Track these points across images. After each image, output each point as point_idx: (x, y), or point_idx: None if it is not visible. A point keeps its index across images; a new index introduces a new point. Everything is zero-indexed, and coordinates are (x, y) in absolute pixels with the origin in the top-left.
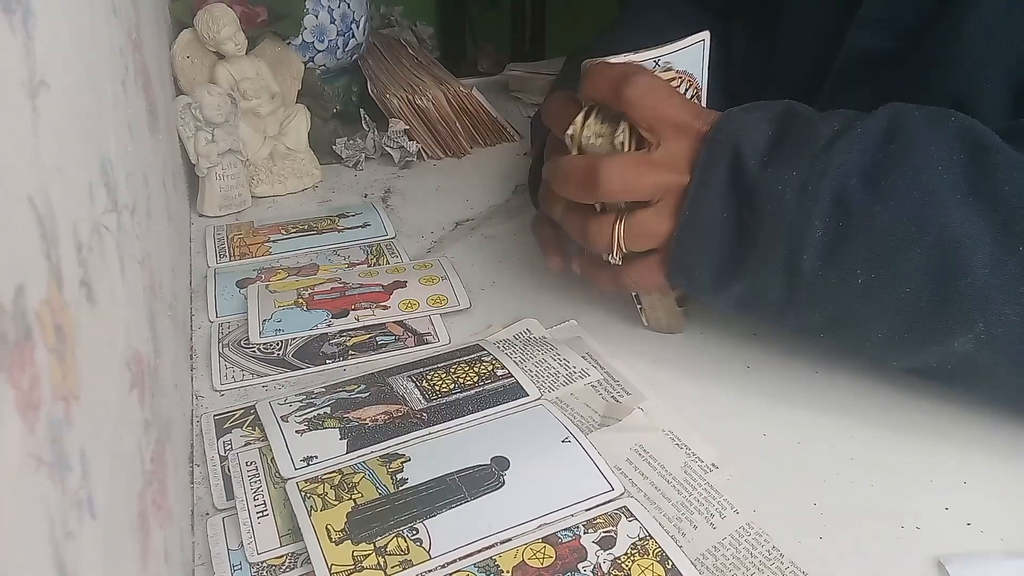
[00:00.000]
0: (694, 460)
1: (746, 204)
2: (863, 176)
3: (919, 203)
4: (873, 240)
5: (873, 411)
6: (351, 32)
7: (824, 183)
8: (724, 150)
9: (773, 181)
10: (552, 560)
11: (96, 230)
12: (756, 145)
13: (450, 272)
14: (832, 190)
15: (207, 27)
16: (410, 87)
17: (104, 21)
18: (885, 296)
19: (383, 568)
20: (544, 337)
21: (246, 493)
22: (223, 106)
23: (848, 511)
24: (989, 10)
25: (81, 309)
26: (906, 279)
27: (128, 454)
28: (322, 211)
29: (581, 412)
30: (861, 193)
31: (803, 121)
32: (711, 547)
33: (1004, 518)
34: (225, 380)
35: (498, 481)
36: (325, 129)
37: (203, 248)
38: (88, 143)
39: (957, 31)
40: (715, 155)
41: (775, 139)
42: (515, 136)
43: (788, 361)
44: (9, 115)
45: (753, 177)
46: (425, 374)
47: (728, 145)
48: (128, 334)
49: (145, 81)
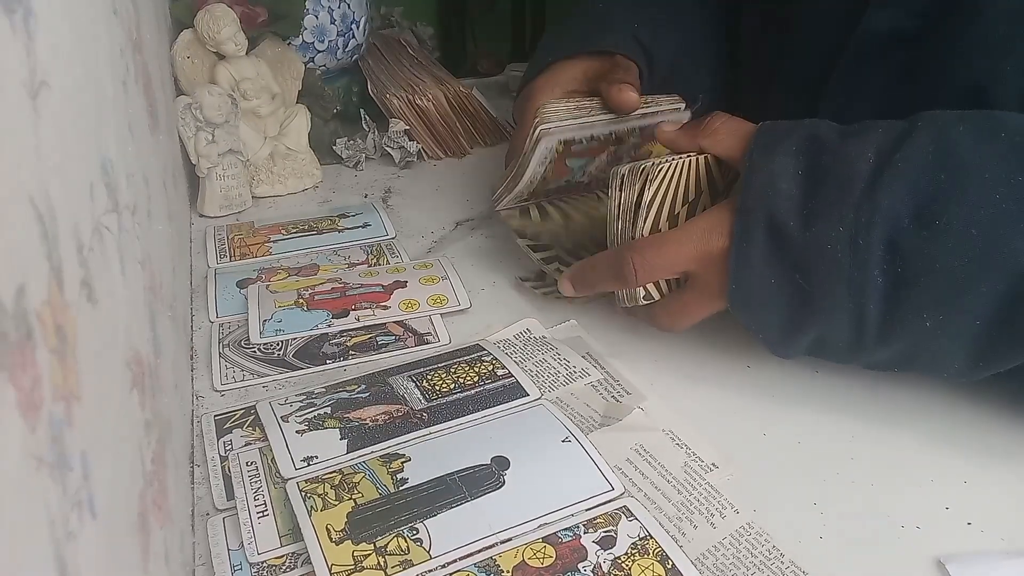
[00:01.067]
0: (694, 460)
1: (796, 268)
2: (915, 217)
3: (980, 240)
4: (936, 283)
5: (873, 411)
6: (351, 32)
7: (875, 233)
8: (758, 219)
9: (820, 241)
10: (552, 560)
11: (97, 230)
12: (791, 202)
13: (450, 272)
14: (884, 238)
15: (207, 27)
16: (410, 87)
17: (104, 21)
18: (955, 332)
19: (383, 568)
20: (544, 337)
21: (246, 493)
22: (223, 106)
23: (848, 511)
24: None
25: (82, 309)
26: (975, 315)
27: (129, 454)
28: (322, 211)
29: (581, 412)
30: (915, 237)
31: (833, 154)
32: (711, 547)
33: (1004, 518)
34: (225, 380)
35: (498, 481)
36: (325, 129)
37: (203, 248)
38: (89, 143)
39: (979, 13)
40: (749, 226)
41: (808, 186)
42: None
43: (788, 361)
44: (10, 115)
45: (797, 241)
46: (425, 374)
47: (761, 213)
48: (128, 334)
49: (145, 81)
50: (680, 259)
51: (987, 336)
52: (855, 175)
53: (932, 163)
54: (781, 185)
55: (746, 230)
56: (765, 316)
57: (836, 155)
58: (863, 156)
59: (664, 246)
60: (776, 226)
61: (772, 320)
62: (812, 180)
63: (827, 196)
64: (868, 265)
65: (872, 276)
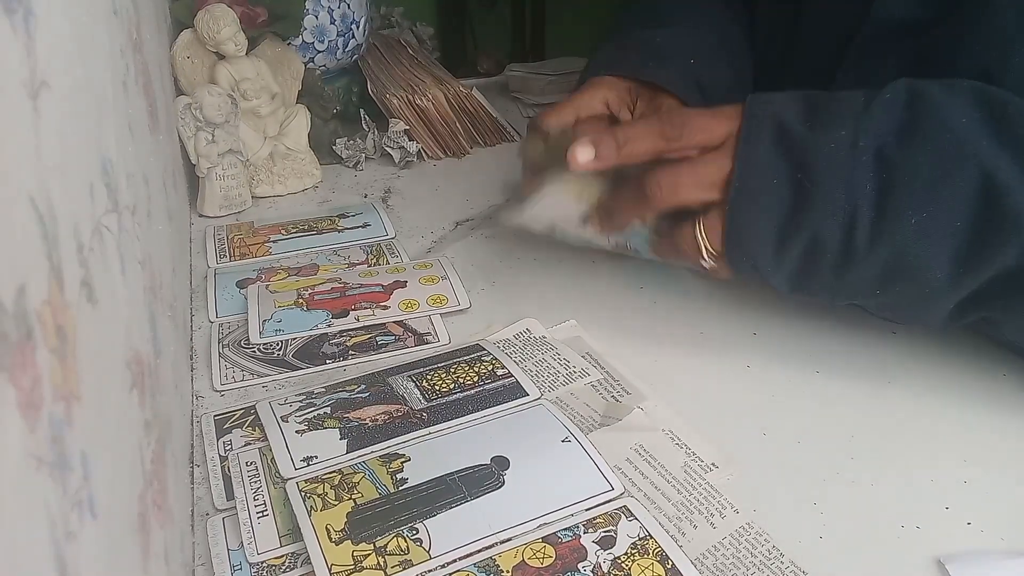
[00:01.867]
0: (694, 460)
1: (799, 166)
2: (897, 132)
3: (952, 143)
4: (917, 182)
5: (873, 411)
6: (351, 32)
7: (868, 141)
8: (763, 122)
9: (825, 140)
10: (552, 560)
11: (97, 230)
12: (796, 111)
13: (450, 272)
14: (875, 147)
15: (207, 27)
16: (410, 87)
17: (104, 21)
18: (938, 231)
19: (383, 568)
20: (544, 337)
21: (246, 493)
22: (223, 106)
23: (848, 511)
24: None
25: (82, 309)
26: (955, 211)
27: (128, 454)
28: (322, 211)
29: (581, 412)
30: (898, 147)
31: (828, 96)
32: (711, 547)
33: (1004, 518)
34: (225, 380)
35: (498, 481)
36: (325, 129)
37: (203, 248)
38: (89, 143)
39: (987, 3)
40: (755, 128)
41: (809, 108)
42: (515, 136)
43: (788, 361)
44: (10, 115)
45: (803, 139)
46: (425, 374)
47: (767, 117)
48: (128, 334)
49: (145, 81)
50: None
51: (966, 236)
52: (853, 102)
53: (909, 100)
54: (788, 103)
55: (751, 132)
56: (764, 218)
57: (833, 97)
58: (854, 96)
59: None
60: (781, 125)
61: (769, 223)
62: (811, 107)
63: (829, 114)
64: (863, 168)
65: (865, 179)
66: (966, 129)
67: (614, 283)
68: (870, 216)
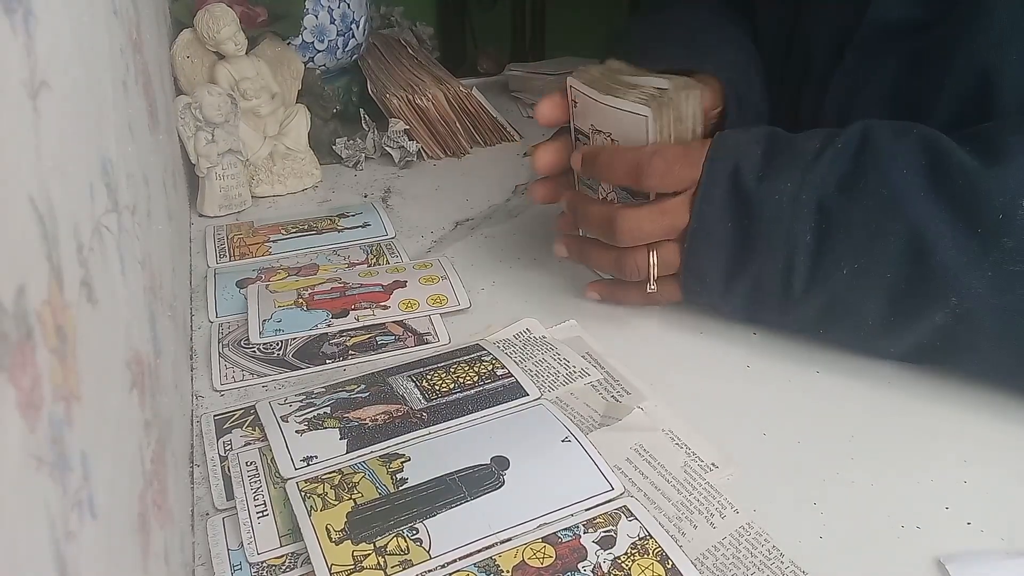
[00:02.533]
0: (694, 460)
1: (746, 213)
2: (839, 184)
3: (888, 199)
4: (852, 234)
5: (873, 411)
6: (351, 32)
7: (811, 193)
8: (724, 167)
9: (770, 192)
10: (552, 560)
11: (97, 230)
12: (752, 161)
13: (450, 272)
14: (816, 199)
15: (207, 27)
16: (410, 87)
17: (104, 21)
18: (869, 282)
19: (383, 568)
20: (544, 337)
21: (246, 493)
22: (223, 106)
23: (848, 511)
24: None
25: (82, 309)
26: (885, 264)
27: (128, 454)
28: (322, 211)
29: (581, 412)
30: (838, 198)
31: (786, 141)
32: (711, 547)
33: (1004, 518)
34: (225, 380)
35: (498, 481)
36: (325, 129)
37: (203, 248)
38: (89, 143)
39: (984, 3)
40: (716, 173)
41: (766, 156)
42: (515, 136)
43: (788, 361)
44: (10, 115)
45: (751, 190)
46: (425, 374)
47: (728, 162)
48: (128, 334)
49: (145, 81)
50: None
51: (893, 290)
52: (804, 152)
53: (857, 148)
54: (746, 150)
55: (712, 177)
56: (715, 256)
57: (790, 143)
58: (811, 143)
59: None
60: (737, 173)
61: (719, 261)
62: (769, 153)
63: (780, 164)
64: (802, 219)
65: (804, 230)
66: (904, 182)
67: None
68: (807, 264)
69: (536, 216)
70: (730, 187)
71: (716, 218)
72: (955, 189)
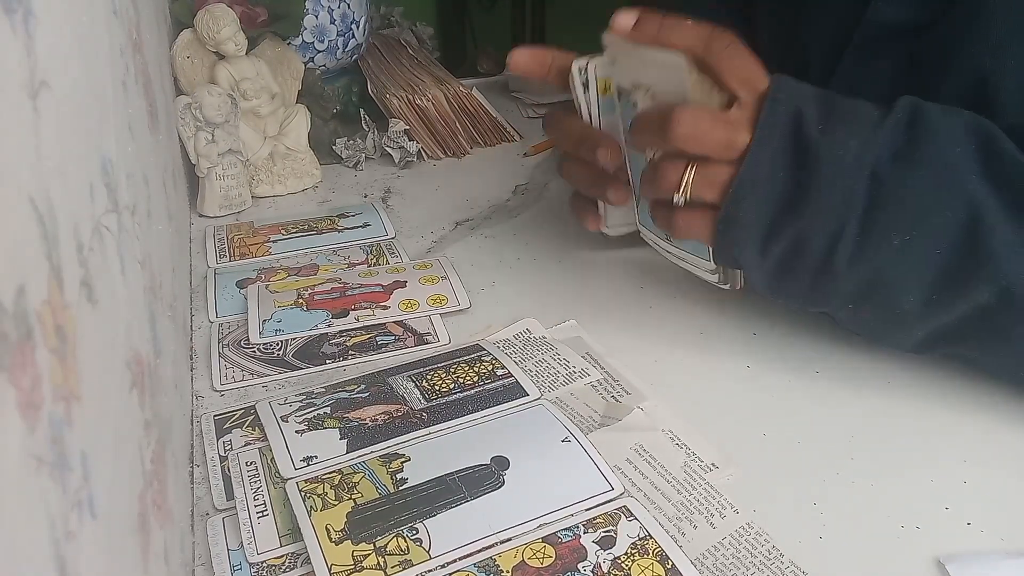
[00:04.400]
0: (694, 460)
1: (804, 165)
2: (893, 155)
3: (945, 173)
4: (907, 205)
5: (873, 411)
6: (351, 32)
7: (871, 157)
8: (786, 110)
9: (834, 146)
10: (552, 560)
11: (97, 230)
12: (814, 110)
13: (450, 272)
14: (872, 164)
15: (207, 27)
16: (410, 87)
17: (104, 21)
18: (917, 256)
19: (383, 568)
20: (544, 337)
21: (246, 493)
22: (223, 106)
23: (848, 511)
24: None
25: (82, 309)
26: (938, 239)
27: (128, 454)
28: (322, 211)
29: (581, 412)
30: (892, 166)
31: (845, 99)
32: (711, 547)
33: (1004, 518)
34: (225, 380)
35: (498, 481)
36: (325, 129)
37: (203, 248)
38: (89, 143)
39: (982, 5)
40: (777, 114)
41: (826, 109)
42: (515, 136)
43: (788, 361)
44: (10, 115)
45: (815, 140)
46: (425, 374)
47: (790, 105)
48: (128, 334)
49: (145, 81)
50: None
51: (944, 265)
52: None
53: (908, 122)
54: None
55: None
56: (760, 206)
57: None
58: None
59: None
60: (799, 120)
61: (764, 212)
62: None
63: (843, 120)
64: (861, 182)
65: (860, 195)
66: (959, 159)
67: (614, 283)
68: (855, 231)
69: (536, 216)
70: (791, 133)
71: (770, 163)
72: (1005, 170)
